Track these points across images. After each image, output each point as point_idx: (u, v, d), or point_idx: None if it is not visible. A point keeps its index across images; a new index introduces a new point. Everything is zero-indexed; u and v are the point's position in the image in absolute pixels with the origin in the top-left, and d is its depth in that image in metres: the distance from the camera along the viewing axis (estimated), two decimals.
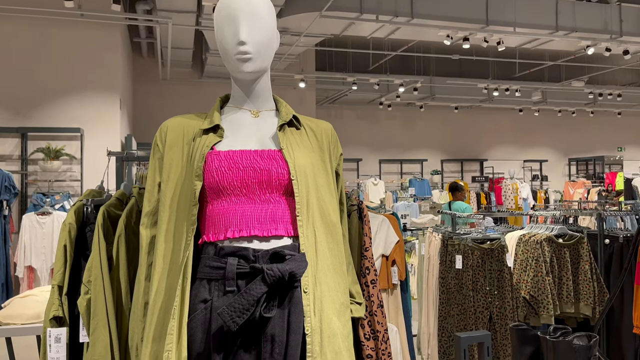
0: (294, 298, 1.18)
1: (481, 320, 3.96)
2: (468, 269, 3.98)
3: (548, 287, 4.00)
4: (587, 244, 4.09)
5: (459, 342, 1.40)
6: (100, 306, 1.47)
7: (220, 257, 1.18)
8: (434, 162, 13.22)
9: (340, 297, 1.29)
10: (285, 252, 1.18)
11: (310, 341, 1.16)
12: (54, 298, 1.49)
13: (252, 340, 1.15)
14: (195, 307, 1.16)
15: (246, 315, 1.10)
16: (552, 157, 14.07)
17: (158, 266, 1.22)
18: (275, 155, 1.27)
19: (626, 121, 14.31)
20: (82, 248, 1.60)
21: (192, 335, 1.15)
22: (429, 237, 4.51)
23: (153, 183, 1.33)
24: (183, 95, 10.65)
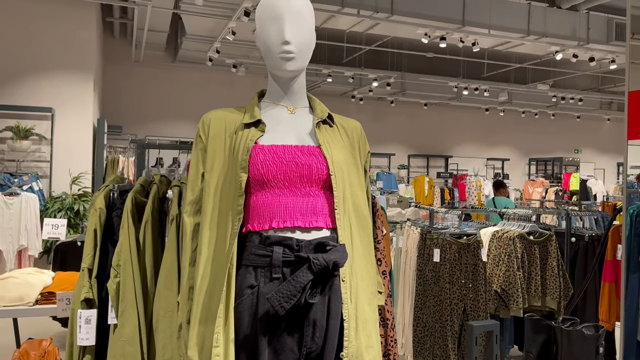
0: (334, 286, 1.26)
1: (456, 312, 4.14)
2: (445, 262, 4.15)
3: (518, 282, 4.22)
4: (555, 242, 4.32)
5: (472, 330, 1.51)
6: (129, 289, 1.52)
7: (266, 246, 1.25)
8: (401, 157, 13.47)
9: (370, 286, 1.38)
10: (329, 242, 1.26)
11: (347, 326, 1.25)
12: (84, 280, 1.52)
13: (295, 324, 1.23)
14: (242, 292, 1.23)
15: (293, 300, 1.18)
16: (513, 156, 14.56)
17: (203, 253, 1.28)
18: (314, 151, 1.34)
19: (584, 125, 14.94)
20: (108, 232, 1.63)
21: (240, 319, 1.21)
22: (407, 230, 4.66)
23: (197, 173, 1.38)
24: (155, 78, 10.47)
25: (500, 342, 1.63)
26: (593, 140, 15.48)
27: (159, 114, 10.45)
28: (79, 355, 1.52)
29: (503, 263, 4.27)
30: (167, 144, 7.85)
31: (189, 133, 10.45)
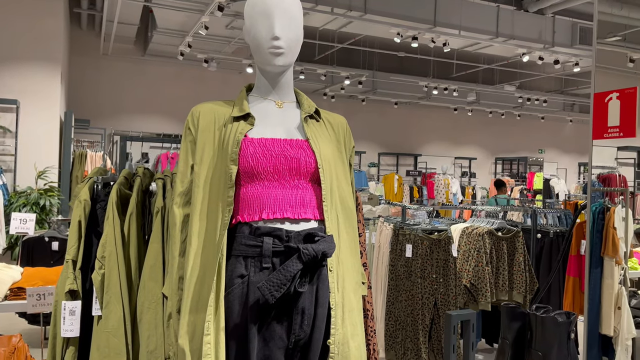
0: (322, 275, 1.30)
1: (427, 306, 4.23)
2: (417, 257, 4.24)
3: (487, 277, 4.35)
4: (522, 238, 4.47)
5: (450, 319, 1.58)
6: (114, 281, 1.52)
7: (256, 237, 1.28)
8: (371, 155, 13.60)
9: (355, 276, 1.42)
10: (317, 233, 1.30)
11: (334, 314, 1.29)
12: (68, 272, 1.52)
13: (284, 313, 1.26)
14: (232, 281, 1.25)
15: (283, 289, 1.21)
16: (480, 155, 14.89)
17: (193, 243, 1.30)
18: (303, 145, 1.38)
19: (548, 125, 15.40)
20: (93, 224, 1.62)
21: (230, 307, 1.24)
22: (380, 226, 4.74)
23: (186, 165, 1.39)
24: (123, 71, 10.29)
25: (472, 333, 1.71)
26: (556, 140, 15.97)
27: (128, 108, 10.28)
28: (63, 346, 1.52)
29: (472, 258, 4.39)
30: (151, 137, 7.72)
31: (158, 128, 10.30)
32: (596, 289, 3.71)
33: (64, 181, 7.00)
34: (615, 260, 3.76)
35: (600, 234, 3.78)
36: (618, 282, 3.76)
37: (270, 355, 1.25)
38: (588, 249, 3.60)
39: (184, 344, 1.22)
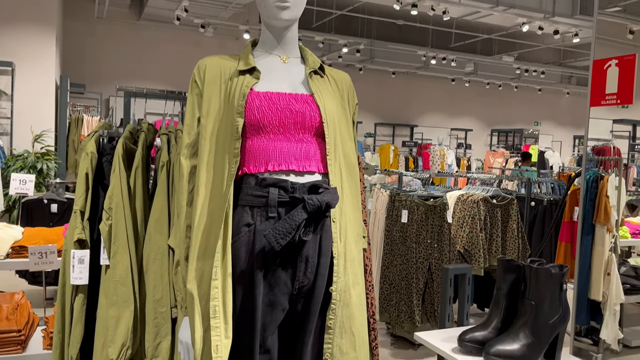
0: (325, 226, 1.34)
1: (421, 270, 4.32)
2: (413, 223, 4.30)
3: (480, 243, 4.43)
4: (516, 205, 4.54)
5: (447, 272, 1.63)
6: (121, 231, 1.55)
7: (262, 187, 1.32)
8: (367, 125, 13.59)
9: (357, 228, 1.47)
10: (322, 185, 1.34)
11: (336, 263, 1.34)
12: (76, 222, 1.55)
13: (289, 260, 1.30)
14: (239, 230, 1.29)
15: (288, 237, 1.25)
16: (476, 126, 14.90)
17: (201, 193, 1.34)
18: (307, 99, 1.40)
19: (545, 98, 15.38)
20: (99, 177, 1.65)
21: (237, 255, 1.28)
22: (376, 193, 4.79)
23: (192, 118, 1.42)
24: (118, 35, 10.14)
25: None
26: (552, 113, 15.97)
27: (123, 73, 10.17)
28: (72, 294, 1.56)
29: (467, 225, 4.46)
30: (155, 93, 7.67)
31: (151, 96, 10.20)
32: (587, 255, 3.80)
33: (60, 145, 6.98)
34: (606, 228, 3.84)
35: (593, 202, 3.85)
36: (608, 249, 3.85)
37: (275, 300, 1.30)
38: (581, 215, 3.67)
39: (193, 289, 1.27)
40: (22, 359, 2.76)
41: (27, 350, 2.79)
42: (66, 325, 1.58)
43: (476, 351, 1.41)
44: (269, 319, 1.30)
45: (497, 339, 1.37)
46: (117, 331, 1.52)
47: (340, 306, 1.34)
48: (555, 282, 1.38)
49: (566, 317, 1.40)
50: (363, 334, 1.42)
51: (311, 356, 1.34)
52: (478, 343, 1.42)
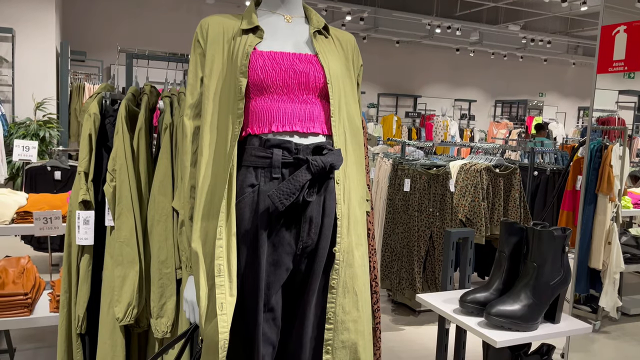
0: (329, 187, 1.34)
1: (423, 238, 4.35)
2: (415, 192, 4.31)
3: (482, 212, 4.44)
4: (519, 175, 4.53)
5: (449, 236, 1.64)
6: (125, 193, 1.56)
7: (266, 148, 1.31)
8: (371, 95, 13.49)
9: (360, 191, 1.47)
10: (326, 146, 1.33)
11: (340, 224, 1.35)
12: (81, 183, 1.56)
13: (293, 221, 1.31)
14: (243, 190, 1.30)
15: (292, 198, 1.25)
16: (480, 97, 14.77)
17: (204, 154, 1.33)
18: (312, 60, 1.38)
19: (550, 68, 15.19)
20: (102, 139, 1.65)
21: (241, 215, 1.29)
22: (379, 162, 4.79)
23: (195, 77, 1.40)
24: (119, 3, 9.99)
25: None
26: (557, 84, 15.80)
27: (124, 41, 10.05)
28: (78, 254, 1.58)
29: (469, 194, 4.47)
30: (157, 55, 7.57)
31: (153, 62, 10.12)
32: (588, 224, 3.82)
33: (62, 113, 6.96)
34: (609, 198, 3.85)
35: (597, 172, 3.85)
36: (610, 219, 3.86)
37: (279, 260, 1.31)
38: (584, 185, 3.67)
39: (197, 248, 1.28)
40: (29, 321, 2.80)
41: (34, 313, 2.83)
42: (72, 285, 1.60)
43: (477, 312, 1.43)
44: (273, 278, 1.31)
45: (499, 299, 1.38)
46: (122, 291, 1.54)
47: (343, 267, 1.35)
48: (558, 244, 1.39)
49: (567, 279, 1.41)
50: (366, 295, 1.43)
51: (314, 315, 1.36)
52: (479, 304, 1.43)
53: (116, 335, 1.57)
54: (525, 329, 1.34)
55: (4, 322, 2.81)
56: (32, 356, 3.27)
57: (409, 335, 4.08)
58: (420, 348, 3.82)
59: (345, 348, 1.36)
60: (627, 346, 3.79)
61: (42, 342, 3.54)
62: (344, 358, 1.37)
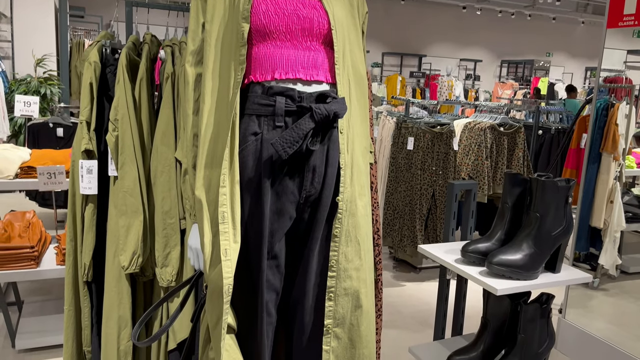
0: (332, 136, 1.33)
1: (425, 196, 4.36)
2: (418, 150, 4.30)
3: (485, 170, 4.43)
4: (523, 134, 4.50)
5: (452, 188, 1.64)
6: (128, 143, 1.55)
7: (269, 96, 1.30)
8: (375, 55, 13.28)
9: (364, 141, 1.46)
10: (330, 94, 1.31)
11: (343, 174, 1.34)
12: (83, 133, 1.55)
13: (296, 170, 1.30)
14: (246, 138, 1.29)
15: (295, 146, 1.25)
16: (486, 57, 14.54)
17: (207, 102, 1.32)
18: (316, 5, 1.35)
19: (558, 27, 14.87)
20: (103, 88, 1.63)
21: (244, 163, 1.28)
22: (383, 120, 4.75)
23: (197, 23, 1.37)
24: None
25: None
26: (565, 43, 15.50)
27: None
28: (82, 204, 1.59)
29: (472, 152, 4.45)
30: (158, 4, 7.45)
31: (153, 19, 9.92)
32: (591, 182, 3.81)
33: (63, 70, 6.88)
34: (613, 157, 3.83)
35: (602, 130, 3.81)
36: (613, 178, 3.85)
37: (282, 208, 1.31)
38: (588, 143, 3.64)
39: (201, 195, 1.28)
40: (36, 274, 2.85)
41: (41, 266, 2.88)
42: (78, 234, 1.62)
43: (479, 261, 1.44)
44: (277, 226, 1.32)
45: (500, 249, 1.39)
46: (127, 240, 1.56)
47: (346, 216, 1.36)
48: (561, 194, 1.38)
49: (569, 229, 1.41)
50: (368, 244, 1.44)
51: (317, 263, 1.37)
52: (481, 254, 1.44)
53: (122, 283, 1.59)
54: (526, 278, 1.36)
55: (11, 274, 2.86)
56: (40, 308, 3.34)
57: (409, 291, 4.14)
58: (421, 303, 3.88)
59: (347, 295, 1.39)
60: (624, 303, 3.84)
61: (49, 295, 3.61)
62: (346, 305, 1.39)
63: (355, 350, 1.42)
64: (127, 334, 1.61)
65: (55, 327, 3.06)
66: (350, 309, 1.40)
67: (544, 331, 1.46)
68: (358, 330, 1.41)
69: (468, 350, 1.52)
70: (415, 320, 3.57)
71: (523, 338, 1.43)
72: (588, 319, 3.43)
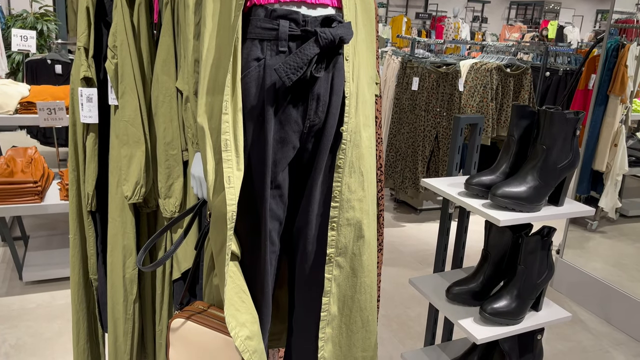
0: (338, 64, 1.29)
1: (428, 138, 4.33)
2: (423, 90, 4.23)
3: (490, 112, 4.38)
4: (530, 75, 4.42)
5: (458, 122, 1.61)
6: (128, 71, 1.52)
7: (272, 19, 1.25)
8: None
9: (370, 71, 1.42)
10: (335, 18, 1.26)
11: (348, 103, 1.31)
12: (81, 59, 1.51)
13: (300, 98, 1.27)
14: (248, 64, 1.25)
15: (299, 72, 1.21)
16: None
17: (208, 25, 1.27)
18: None
19: None
20: (100, 14, 1.58)
21: (247, 90, 1.25)
22: (387, 60, 4.65)
23: None
24: None
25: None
26: None
27: None
28: (83, 133, 1.57)
29: (478, 94, 4.38)
30: None
31: None
32: (596, 125, 3.78)
33: (59, 6, 6.70)
34: (620, 99, 3.77)
35: (611, 72, 3.74)
36: (619, 121, 3.81)
37: (285, 137, 1.29)
38: (597, 84, 3.58)
39: (203, 122, 1.26)
40: (40, 208, 2.88)
41: (45, 201, 2.90)
42: (80, 163, 1.61)
43: (482, 194, 1.44)
44: (280, 155, 1.31)
45: (505, 181, 1.38)
46: (130, 170, 1.55)
47: (350, 146, 1.34)
48: (570, 126, 1.36)
49: (575, 162, 1.40)
50: (371, 176, 1.43)
51: (320, 193, 1.37)
52: (485, 186, 1.44)
53: (126, 213, 1.60)
54: (529, 210, 1.36)
55: (15, 208, 2.89)
56: (46, 242, 3.40)
57: (410, 231, 4.19)
58: (420, 243, 3.94)
59: (350, 225, 1.39)
60: (621, 245, 3.89)
61: (54, 230, 3.66)
62: (348, 235, 1.40)
63: (356, 279, 1.44)
64: (132, 263, 1.63)
65: (61, 261, 3.12)
66: (352, 239, 1.41)
67: (544, 263, 1.48)
68: (360, 260, 1.42)
69: (468, 281, 1.54)
70: (415, 259, 3.63)
71: (523, 269, 1.44)
72: (585, 260, 3.49)
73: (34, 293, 2.87)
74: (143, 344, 1.84)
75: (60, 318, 2.62)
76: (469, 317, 1.46)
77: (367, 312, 1.49)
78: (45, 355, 2.32)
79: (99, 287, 1.76)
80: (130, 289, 1.66)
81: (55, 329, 2.52)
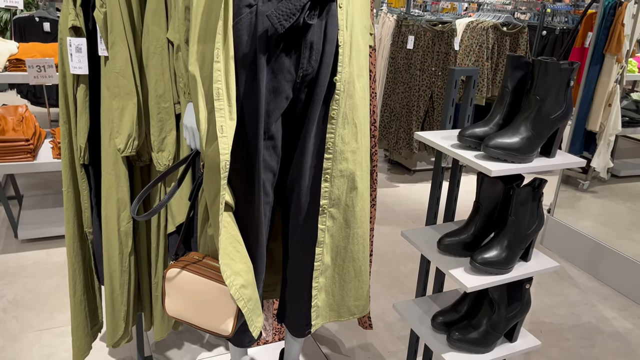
0: (331, 11, 1.27)
1: (423, 98, 4.31)
2: (418, 49, 4.18)
3: (485, 72, 4.35)
4: (526, 34, 4.37)
5: (453, 74, 1.60)
6: (117, 20, 1.49)
7: None
8: None
9: (364, 20, 1.40)
10: None
11: (342, 52, 1.30)
12: (69, 8, 1.47)
13: (293, 46, 1.26)
14: (240, 11, 1.23)
15: (292, 19, 1.19)
16: None
17: None
18: None
19: None
20: None
21: (239, 37, 1.23)
22: (382, 18, 4.58)
23: None
24: None
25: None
26: None
27: None
28: (73, 85, 1.55)
29: (473, 53, 4.34)
30: None
31: None
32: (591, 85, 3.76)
33: None
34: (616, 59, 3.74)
35: (607, 31, 3.70)
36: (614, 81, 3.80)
37: (278, 87, 1.28)
38: (593, 43, 3.55)
39: (195, 71, 1.25)
40: (33, 166, 2.87)
41: (38, 159, 2.89)
42: (71, 116, 1.59)
43: (475, 146, 1.44)
44: (273, 105, 1.30)
45: (498, 132, 1.38)
46: (122, 123, 1.54)
47: (343, 97, 1.33)
48: (564, 77, 1.36)
49: (568, 113, 1.40)
50: (365, 127, 1.43)
51: (314, 144, 1.37)
52: (478, 138, 1.44)
53: (119, 166, 1.59)
54: (522, 161, 1.37)
55: (8, 166, 2.87)
56: (40, 201, 3.40)
57: (403, 191, 4.22)
58: (413, 203, 3.97)
59: (343, 177, 1.40)
60: (612, 204, 3.94)
61: (48, 189, 3.66)
62: (341, 186, 1.41)
63: (349, 230, 1.45)
64: (127, 216, 1.64)
65: (56, 219, 3.13)
66: (345, 190, 1.41)
67: (535, 214, 1.49)
68: (353, 211, 1.44)
69: (459, 232, 1.56)
70: (408, 217, 3.66)
71: (513, 220, 1.46)
72: (575, 218, 3.54)
73: (30, 251, 2.89)
74: (139, 297, 1.87)
75: (57, 274, 2.65)
76: (459, 267, 1.49)
77: (360, 263, 1.51)
78: (43, 309, 2.36)
79: (94, 240, 1.77)
80: (125, 241, 1.68)
81: (53, 285, 2.55)
